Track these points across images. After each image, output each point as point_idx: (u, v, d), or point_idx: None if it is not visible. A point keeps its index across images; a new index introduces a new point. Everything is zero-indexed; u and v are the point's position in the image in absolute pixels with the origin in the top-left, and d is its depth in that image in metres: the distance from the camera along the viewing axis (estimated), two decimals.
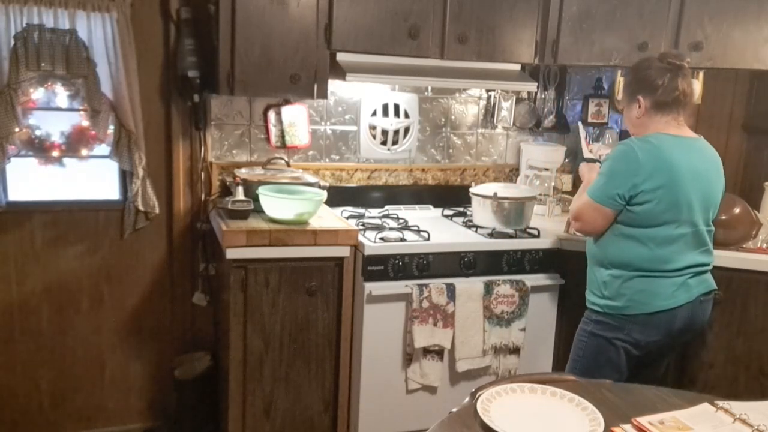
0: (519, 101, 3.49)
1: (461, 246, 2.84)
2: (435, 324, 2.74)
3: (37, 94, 2.82)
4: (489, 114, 3.52)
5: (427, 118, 3.42)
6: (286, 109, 3.13)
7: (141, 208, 2.93)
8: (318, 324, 2.78)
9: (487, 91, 3.49)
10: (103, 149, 2.92)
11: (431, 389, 2.85)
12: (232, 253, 2.61)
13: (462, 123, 3.50)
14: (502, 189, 2.97)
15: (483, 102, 3.51)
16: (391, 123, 3.32)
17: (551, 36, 3.02)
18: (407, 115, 3.34)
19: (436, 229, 2.94)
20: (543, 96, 3.53)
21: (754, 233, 2.77)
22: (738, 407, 1.61)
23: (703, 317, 2.42)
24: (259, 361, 2.72)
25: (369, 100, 3.27)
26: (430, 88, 3.38)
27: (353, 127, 3.30)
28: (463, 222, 3.14)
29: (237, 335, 2.69)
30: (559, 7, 2.99)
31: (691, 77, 2.40)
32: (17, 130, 2.70)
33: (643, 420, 1.54)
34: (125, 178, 2.96)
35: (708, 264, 2.41)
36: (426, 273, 2.77)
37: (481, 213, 2.97)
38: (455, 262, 2.82)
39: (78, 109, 2.89)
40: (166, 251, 3.13)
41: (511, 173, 3.59)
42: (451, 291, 2.75)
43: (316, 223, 2.77)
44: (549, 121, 3.55)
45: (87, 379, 3.11)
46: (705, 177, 2.33)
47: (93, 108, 2.78)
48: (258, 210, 2.78)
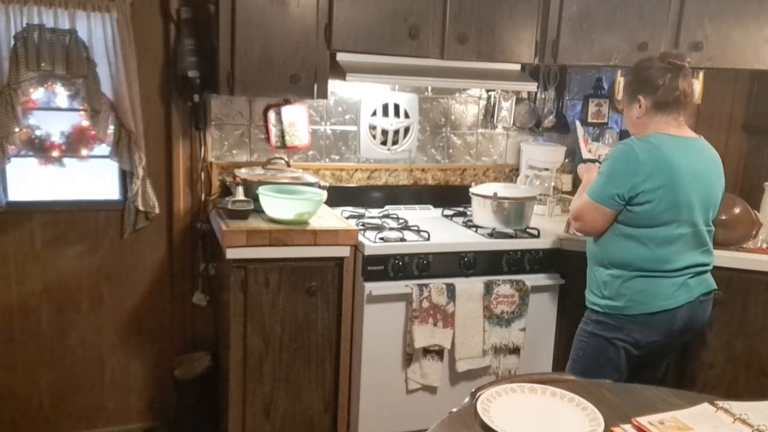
0: (519, 101, 3.49)
1: (461, 246, 2.84)
2: (435, 324, 2.74)
3: (37, 94, 2.82)
4: (489, 114, 3.52)
5: (427, 118, 3.42)
6: (286, 109, 3.13)
7: (141, 208, 2.93)
8: (318, 324, 2.78)
9: (487, 91, 3.49)
10: (103, 149, 2.92)
11: (431, 389, 2.85)
12: (232, 253, 2.61)
13: (462, 123, 3.50)
14: (502, 189, 2.97)
15: (483, 102, 3.51)
16: (391, 123, 3.32)
17: (551, 36, 3.02)
18: (407, 115, 3.34)
19: (436, 229, 2.94)
20: (543, 96, 3.53)
21: (754, 233, 2.77)
22: (738, 407, 1.61)
23: (703, 317, 2.43)
24: (259, 361, 2.73)
25: (369, 100, 3.27)
26: (430, 88, 3.38)
27: (353, 127, 3.30)
28: (463, 222, 3.14)
29: (237, 335, 2.69)
30: (559, 7, 2.99)
31: (692, 77, 2.40)
32: (17, 130, 2.70)
33: (643, 420, 1.54)
34: (125, 178, 2.96)
35: (708, 264, 2.41)
36: (426, 273, 2.77)
37: (481, 213, 2.97)
38: (455, 262, 2.82)
39: (78, 109, 2.89)
40: (166, 251, 3.13)
41: (511, 173, 3.59)
42: (451, 291, 2.75)
43: (316, 223, 2.77)
44: (549, 121, 3.55)
45: (87, 379, 3.11)
46: (705, 177, 2.33)
47: (93, 108, 2.78)
48: (258, 210, 2.78)
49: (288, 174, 3.00)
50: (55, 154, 2.91)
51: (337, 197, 3.19)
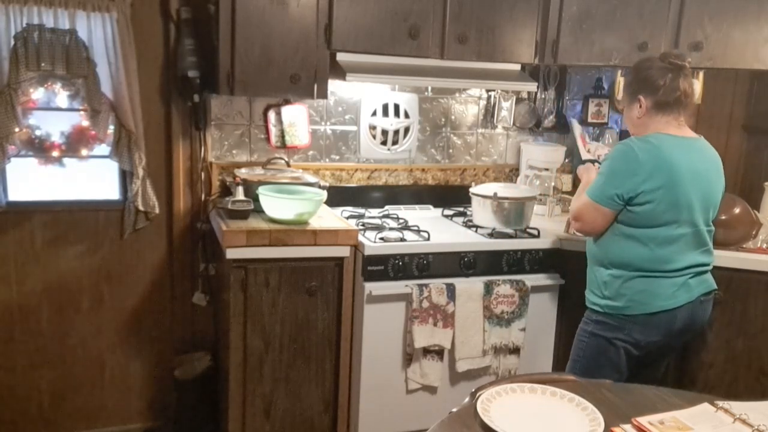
0: (519, 101, 3.49)
1: (461, 246, 2.84)
2: (435, 324, 2.74)
3: (37, 94, 2.82)
4: (489, 114, 3.52)
5: (427, 118, 3.42)
6: (286, 109, 3.13)
7: (141, 208, 2.93)
8: (318, 324, 2.78)
9: (487, 91, 3.49)
10: (103, 149, 2.92)
11: (431, 389, 2.85)
12: (232, 253, 2.61)
13: (462, 123, 3.50)
14: (502, 189, 2.97)
15: (483, 102, 3.51)
16: (391, 123, 3.32)
17: (551, 36, 3.02)
18: (407, 115, 3.34)
19: (436, 229, 2.94)
20: (543, 96, 3.53)
21: (754, 233, 2.77)
22: (738, 407, 1.61)
23: (704, 317, 2.42)
24: (259, 361, 2.72)
25: (369, 100, 3.27)
26: (430, 88, 3.38)
27: (353, 127, 3.30)
28: (463, 222, 3.14)
29: (237, 335, 2.69)
30: (559, 7, 2.99)
31: (692, 77, 2.40)
32: (17, 130, 2.70)
33: (643, 420, 1.54)
34: (125, 178, 2.96)
35: (708, 264, 2.41)
36: (426, 273, 2.77)
37: (481, 213, 2.97)
38: (455, 262, 2.82)
39: (78, 109, 2.89)
40: (166, 251, 3.13)
41: (511, 173, 3.59)
42: (451, 291, 2.75)
43: (316, 223, 2.77)
44: (549, 121, 3.55)
45: (87, 379, 3.11)
46: (705, 177, 2.33)
47: (93, 108, 2.78)
48: (258, 210, 2.78)
49: (288, 174, 3.00)
50: (55, 154, 2.91)
51: (337, 197, 3.19)
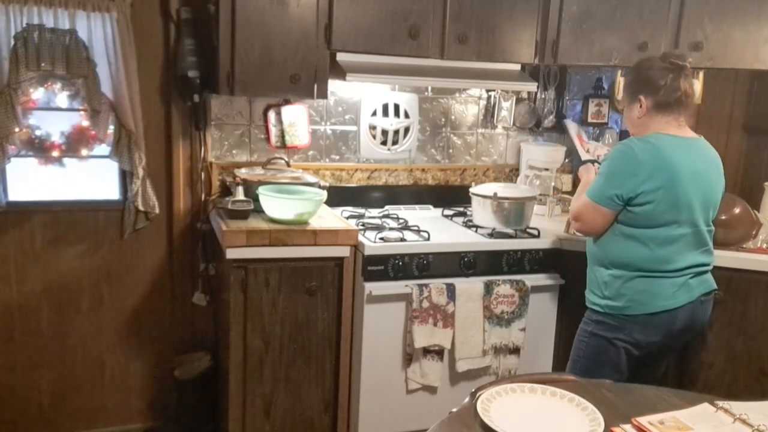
0: (519, 101, 3.49)
1: (461, 246, 2.84)
2: (435, 324, 2.74)
3: (37, 94, 2.82)
4: (489, 114, 3.52)
5: (427, 118, 3.42)
6: (286, 109, 3.13)
7: (141, 208, 2.93)
8: (318, 324, 2.78)
9: (487, 91, 3.49)
10: (103, 149, 2.92)
11: (431, 389, 2.85)
12: (232, 253, 2.61)
13: (462, 123, 3.50)
14: (502, 189, 2.97)
15: (483, 102, 3.51)
16: (391, 123, 3.32)
17: (551, 36, 3.02)
18: (407, 115, 3.34)
19: (436, 229, 2.94)
20: (543, 96, 3.53)
21: (754, 233, 2.77)
22: (738, 407, 1.61)
23: (704, 317, 2.42)
24: (259, 361, 2.72)
25: (369, 100, 3.27)
26: (430, 88, 3.38)
27: (353, 127, 3.30)
28: (463, 222, 3.14)
29: (237, 335, 2.69)
30: (559, 7, 2.99)
31: (692, 77, 2.40)
32: (17, 130, 2.70)
33: (643, 420, 1.54)
34: (125, 178, 2.96)
35: (708, 264, 2.41)
36: (426, 273, 2.77)
37: (481, 213, 2.97)
38: (455, 262, 2.82)
39: (78, 109, 2.89)
40: (166, 251, 3.13)
41: (511, 173, 3.59)
42: (451, 291, 2.75)
43: (316, 223, 2.77)
44: (549, 121, 3.55)
45: (87, 379, 3.11)
46: (705, 177, 2.33)
47: (93, 108, 2.78)
48: (258, 210, 2.78)
49: (288, 174, 3.00)
50: (55, 154, 2.91)
51: (337, 197, 3.19)
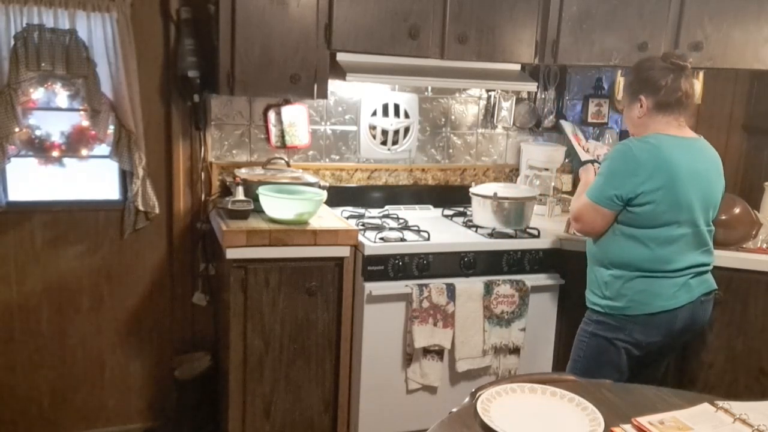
0: (519, 101, 3.50)
1: (461, 246, 2.84)
2: (435, 324, 2.74)
3: (37, 94, 2.82)
4: (489, 114, 3.52)
5: (427, 118, 3.42)
6: (286, 109, 3.13)
7: (141, 208, 2.93)
8: (318, 324, 2.78)
9: (487, 91, 3.49)
10: (103, 149, 2.92)
11: (431, 389, 2.85)
12: (232, 253, 2.61)
13: (462, 123, 3.50)
14: (502, 189, 2.97)
15: (483, 102, 3.51)
16: (391, 123, 3.32)
17: (551, 36, 3.02)
18: (407, 115, 3.34)
19: (436, 229, 2.94)
20: (543, 96, 3.53)
21: (754, 233, 2.77)
22: (738, 407, 1.61)
23: (704, 317, 2.42)
24: (259, 361, 2.72)
25: (369, 100, 3.27)
26: (430, 88, 3.38)
27: (353, 127, 3.30)
28: (463, 222, 3.14)
29: (237, 335, 2.69)
30: (559, 7, 2.99)
31: (692, 78, 2.40)
32: (17, 130, 2.70)
33: (643, 420, 1.54)
34: (125, 178, 2.96)
35: (709, 264, 2.41)
36: (426, 273, 2.77)
37: (481, 213, 2.97)
38: (455, 262, 2.82)
39: (78, 109, 2.89)
40: (166, 251, 3.13)
41: (511, 173, 3.59)
42: (451, 291, 2.75)
43: (316, 223, 2.77)
44: (549, 121, 3.55)
45: (87, 379, 3.11)
46: (705, 177, 2.33)
47: (93, 108, 2.78)
48: (258, 210, 2.78)
49: (288, 174, 3.00)
50: (55, 154, 2.91)
51: (337, 197, 3.19)
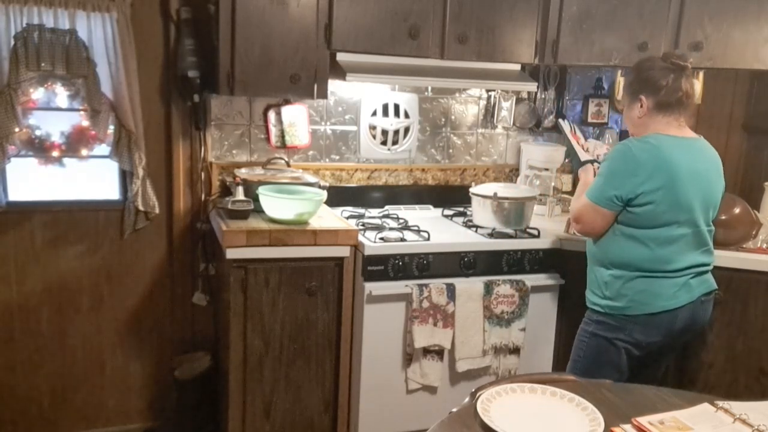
0: (519, 101, 3.50)
1: (461, 246, 2.84)
2: (435, 324, 2.74)
3: (37, 94, 2.82)
4: (489, 114, 3.52)
5: (427, 118, 3.42)
6: (286, 109, 3.13)
7: (141, 208, 2.93)
8: (318, 324, 2.78)
9: (487, 91, 3.49)
10: (103, 149, 2.92)
11: (431, 389, 2.85)
12: (232, 253, 2.61)
13: (462, 123, 3.50)
14: (502, 189, 2.97)
15: (483, 102, 3.51)
16: (391, 123, 3.32)
17: (551, 36, 3.02)
18: (407, 115, 3.34)
19: (436, 229, 2.94)
20: (543, 96, 3.53)
21: (754, 233, 2.77)
22: (738, 407, 1.61)
23: (704, 317, 2.42)
24: (259, 361, 2.72)
25: (369, 100, 3.27)
26: (430, 88, 3.38)
27: (353, 127, 3.30)
28: (463, 222, 3.14)
29: (237, 335, 2.69)
30: (559, 7, 2.99)
31: (693, 78, 2.40)
32: (17, 130, 2.70)
33: (643, 420, 1.54)
34: (125, 178, 2.96)
35: (709, 264, 2.41)
36: (426, 273, 2.77)
37: (481, 213, 2.97)
38: (455, 262, 2.82)
39: (78, 109, 2.89)
40: (166, 251, 3.13)
41: (511, 173, 3.59)
42: (451, 291, 2.75)
43: (316, 223, 2.77)
44: (549, 121, 3.55)
45: (87, 379, 3.11)
46: (705, 177, 2.33)
47: (93, 108, 2.78)
48: (258, 210, 2.78)
49: (288, 174, 3.00)
50: (55, 154, 2.91)
51: (337, 197, 3.19)
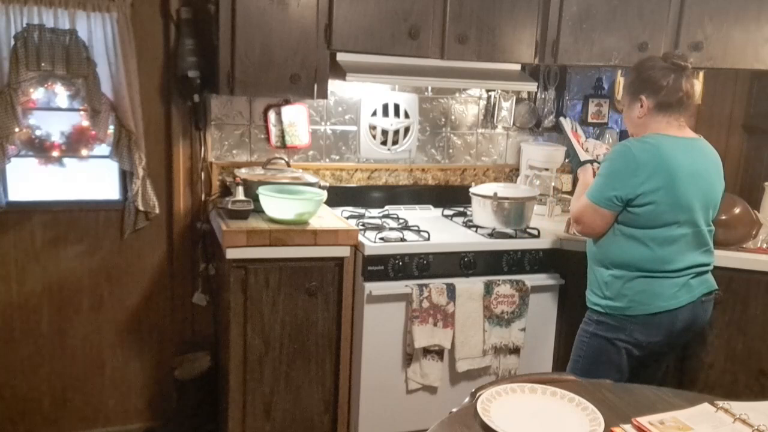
0: (519, 101, 3.50)
1: (461, 246, 2.84)
2: (435, 324, 2.74)
3: (37, 94, 2.82)
4: (489, 114, 3.51)
5: (427, 118, 3.42)
6: (286, 109, 3.13)
7: (141, 208, 2.93)
8: (318, 324, 2.78)
9: (487, 91, 3.49)
10: (103, 149, 2.92)
11: (431, 389, 2.85)
12: (232, 253, 2.61)
13: (462, 123, 3.50)
14: (502, 189, 2.97)
15: (483, 102, 3.51)
16: (391, 123, 3.32)
17: (551, 36, 3.02)
18: (407, 115, 3.34)
19: (436, 229, 2.94)
20: (543, 96, 3.53)
21: (754, 233, 2.77)
22: (738, 407, 1.61)
23: (704, 317, 2.42)
24: (259, 361, 2.72)
25: (369, 100, 3.27)
26: (430, 88, 3.38)
27: (353, 127, 3.30)
28: (463, 222, 3.14)
29: (237, 335, 2.69)
30: (559, 7, 2.99)
31: (693, 78, 2.40)
32: (17, 130, 2.70)
33: (643, 420, 1.54)
34: (125, 178, 2.96)
35: (709, 264, 2.40)
36: (426, 273, 2.77)
37: (481, 213, 2.97)
38: (455, 262, 2.82)
39: (78, 109, 2.89)
40: (166, 251, 3.13)
41: (511, 173, 3.59)
42: (451, 291, 2.75)
43: (316, 223, 2.77)
44: (549, 121, 3.55)
45: (87, 379, 3.11)
46: (705, 177, 2.33)
47: (93, 108, 2.78)
48: (258, 210, 2.78)
49: (288, 174, 3.00)
50: (55, 154, 2.91)
51: (337, 197, 3.19)
